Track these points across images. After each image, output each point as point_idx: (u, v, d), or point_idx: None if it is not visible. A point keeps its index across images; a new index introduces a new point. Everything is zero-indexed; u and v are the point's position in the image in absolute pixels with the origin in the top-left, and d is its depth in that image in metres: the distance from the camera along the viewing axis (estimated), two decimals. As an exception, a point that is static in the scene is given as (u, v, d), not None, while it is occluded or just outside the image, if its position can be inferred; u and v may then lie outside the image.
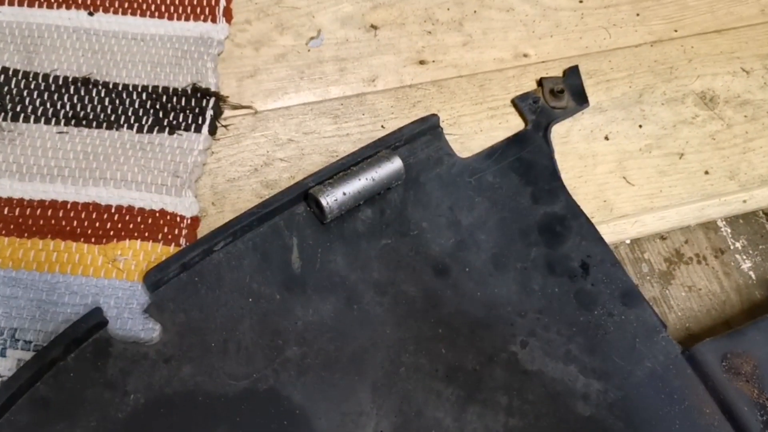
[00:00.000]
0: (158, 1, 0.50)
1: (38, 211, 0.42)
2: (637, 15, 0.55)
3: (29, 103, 0.46)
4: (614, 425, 0.37)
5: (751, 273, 0.46)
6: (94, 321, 0.37)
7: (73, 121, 0.45)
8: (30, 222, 0.42)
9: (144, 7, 0.50)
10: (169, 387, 0.37)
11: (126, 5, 0.50)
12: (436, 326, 0.39)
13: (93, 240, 0.41)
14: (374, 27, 0.52)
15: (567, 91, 0.50)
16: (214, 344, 0.38)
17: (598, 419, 0.37)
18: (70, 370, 0.37)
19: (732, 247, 0.47)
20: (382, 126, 0.47)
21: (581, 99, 0.50)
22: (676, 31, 0.54)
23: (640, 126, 0.49)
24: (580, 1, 0.55)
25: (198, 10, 0.50)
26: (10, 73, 0.47)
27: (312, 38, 0.51)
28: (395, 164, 0.43)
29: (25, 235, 0.41)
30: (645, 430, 0.37)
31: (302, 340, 0.38)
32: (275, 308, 0.39)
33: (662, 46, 0.53)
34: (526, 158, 0.46)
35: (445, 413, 0.37)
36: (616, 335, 0.40)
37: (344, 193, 0.41)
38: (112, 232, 0.41)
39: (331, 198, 0.41)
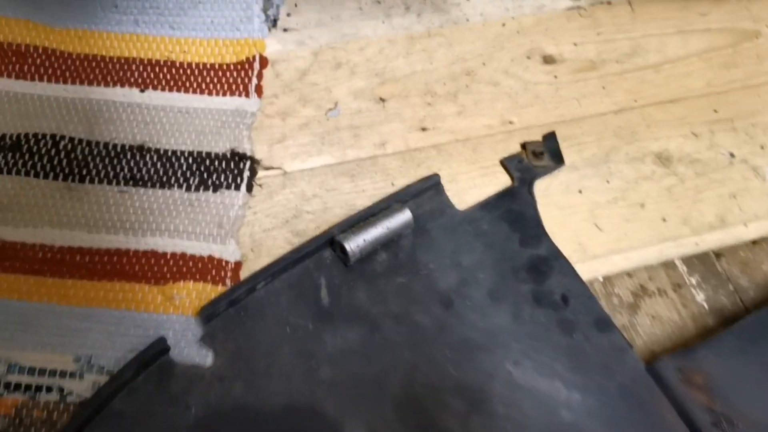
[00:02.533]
0: (200, 80, 0.56)
1: (105, 258, 0.47)
2: (603, 88, 0.61)
3: (93, 167, 0.51)
4: (592, 428, 0.42)
5: (704, 304, 0.52)
6: (158, 348, 0.42)
7: (131, 182, 0.50)
8: (99, 267, 0.46)
9: (188, 84, 0.55)
10: (222, 403, 0.41)
11: (172, 83, 0.55)
12: (444, 350, 0.44)
13: (153, 281, 0.46)
14: (382, 99, 0.57)
15: (546, 152, 0.56)
16: (258, 367, 0.43)
17: (579, 424, 0.42)
18: (139, 389, 0.41)
19: (688, 282, 0.53)
20: (392, 183, 0.53)
21: (558, 159, 0.55)
22: (636, 101, 0.60)
23: (608, 181, 0.55)
24: (555, 77, 0.61)
25: (234, 87, 0.56)
26: (75, 141, 0.52)
27: (330, 109, 0.56)
28: (406, 215, 0.48)
29: (96, 278, 0.46)
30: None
31: (333, 362, 0.43)
32: (309, 336, 0.44)
33: (624, 114, 0.59)
34: (514, 209, 0.52)
35: (453, 422, 0.42)
36: (592, 355, 0.45)
37: (364, 240, 0.46)
38: (168, 275, 0.46)
39: (354, 244, 0.46)
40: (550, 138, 0.56)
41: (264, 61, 0.57)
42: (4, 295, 0.44)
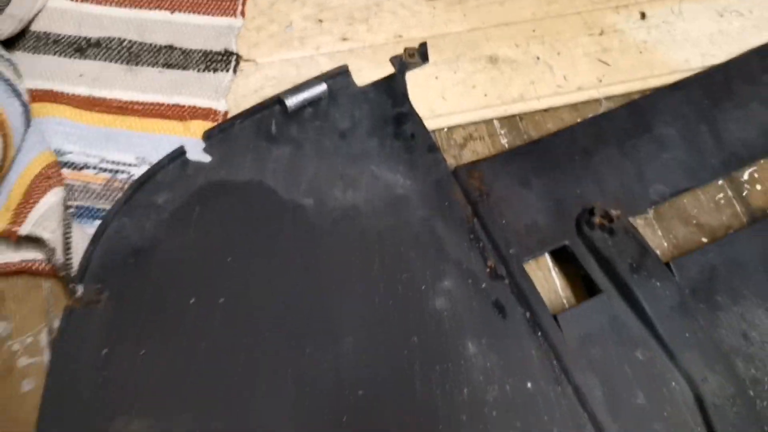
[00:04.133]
0: (208, 8, 0.88)
1: (152, 107, 0.80)
2: (464, 15, 0.92)
3: (143, 58, 0.84)
4: (415, 200, 0.75)
5: (506, 144, 0.84)
6: (180, 151, 0.75)
7: (166, 66, 0.83)
8: (149, 111, 0.80)
9: (199, 10, 0.88)
10: (215, 178, 0.75)
11: (191, 9, 0.88)
12: (337, 165, 0.78)
13: (178, 119, 0.79)
14: (320, 21, 0.90)
15: (417, 54, 0.88)
16: (235, 162, 0.76)
17: (408, 196, 0.75)
18: (169, 172, 0.75)
19: (498, 133, 0.85)
20: (321, 71, 0.85)
21: (425, 59, 0.87)
22: (483, 23, 0.91)
23: (455, 72, 0.87)
24: (434, 8, 0.93)
25: (228, 11, 0.87)
26: (134, 42, 0.85)
27: (287, 26, 0.89)
28: (323, 86, 0.81)
29: (147, 117, 0.79)
30: (433, 216, 0.75)
31: (275, 161, 0.77)
32: (262, 150, 0.77)
33: (473, 32, 0.90)
34: (392, 87, 0.83)
35: (337, 197, 0.75)
36: (422, 164, 0.77)
37: (297, 99, 0.80)
38: (187, 116, 0.79)
39: (290, 101, 0.79)
40: (423, 46, 0.87)
41: None
42: (100, 124, 0.78)
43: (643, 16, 0.91)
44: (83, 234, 0.67)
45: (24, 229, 0.62)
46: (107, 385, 0.58)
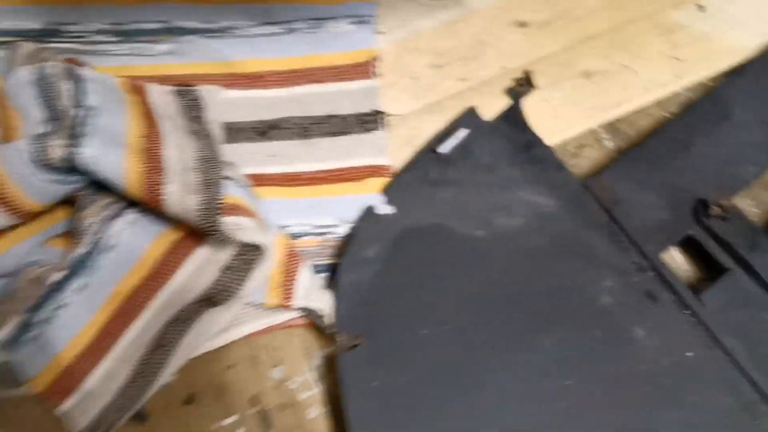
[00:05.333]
0: (352, 73, 1.03)
1: (333, 174, 0.97)
2: (553, 36, 1.08)
3: (290, 126, 1.00)
4: (558, 212, 0.93)
5: (611, 146, 1.01)
6: (369, 210, 0.93)
7: (339, 134, 1.00)
8: (331, 178, 0.97)
9: (345, 76, 1.03)
10: (400, 231, 0.93)
11: (338, 77, 1.03)
12: (494, 188, 0.95)
13: (357, 180, 0.96)
14: (438, 66, 1.05)
15: (526, 83, 1.04)
16: (415, 213, 0.94)
17: (554, 212, 0.93)
18: (361, 227, 0.93)
19: (603, 138, 1.02)
20: (451, 115, 1.02)
21: (533, 86, 1.03)
22: (571, 41, 1.07)
23: (558, 93, 1.03)
24: (525, 35, 1.08)
25: (366, 74, 1.03)
26: (292, 120, 1.01)
27: (414, 77, 1.05)
28: (463, 132, 0.97)
29: (332, 183, 0.96)
30: (578, 227, 0.93)
31: (452, 186, 0.94)
32: (436, 197, 0.95)
33: (566, 51, 1.06)
34: (512, 116, 1.00)
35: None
36: (555, 181, 0.95)
37: (443, 144, 0.96)
38: (364, 176, 0.96)
39: (442, 148, 0.96)
40: (528, 74, 1.03)
41: (377, 57, 1.04)
42: (301, 197, 0.94)
43: (700, 8, 1.06)
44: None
45: (297, 303, 0.81)
46: (388, 409, 0.78)
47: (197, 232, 0.76)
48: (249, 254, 0.76)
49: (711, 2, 1.07)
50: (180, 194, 0.72)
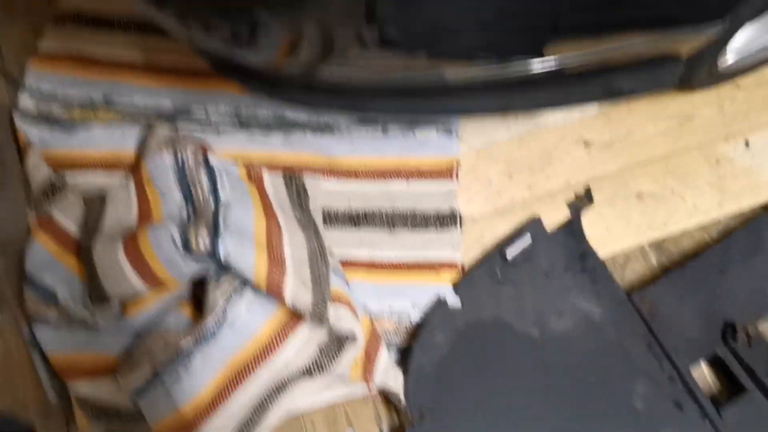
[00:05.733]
0: (438, 175, 1.19)
1: (410, 263, 1.12)
2: (613, 157, 1.22)
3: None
4: (605, 320, 1.07)
5: (654, 263, 1.15)
6: (441, 300, 1.09)
7: (409, 227, 1.15)
8: (409, 269, 1.12)
9: (433, 176, 1.18)
10: (466, 323, 1.08)
11: (426, 177, 1.18)
12: (548, 294, 1.10)
13: (433, 271, 1.12)
14: (510, 175, 1.20)
15: (585, 198, 1.18)
16: (480, 307, 1.09)
17: (603, 321, 1.08)
18: (434, 314, 1.08)
19: (649, 254, 1.16)
20: (521, 221, 1.17)
21: (591, 200, 1.18)
22: (626, 164, 1.21)
23: (612, 209, 1.18)
24: (589, 154, 1.22)
25: (450, 177, 1.18)
26: (386, 210, 1.17)
27: (488, 183, 1.20)
28: (527, 239, 1.12)
29: (408, 270, 1.12)
30: (620, 336, 1.07)
31: (509, 281, 1.09)
32: (499, 294, 1.10)
33: (621, 172, 1.20)
34: (570, 228, 1.15)
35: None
36: (604, 292, 1.09)
37: (512, 249, 1.11)
38: (439, 268, 1.12)
39: (509, 253, 1.11)
40: (588, 190, 1.17)
41: (458, 163, 1.19)
42: (383, 281, 1.10)
43: (747, 144, 1.20)
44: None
45: (376, 380, 0.96)
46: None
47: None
48: (344, 339, 0.92)
49: (757, 139, 1.20)
50: (297, 290, 0.88)
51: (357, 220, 1.11)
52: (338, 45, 0.67)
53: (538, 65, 0.75)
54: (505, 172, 1.18)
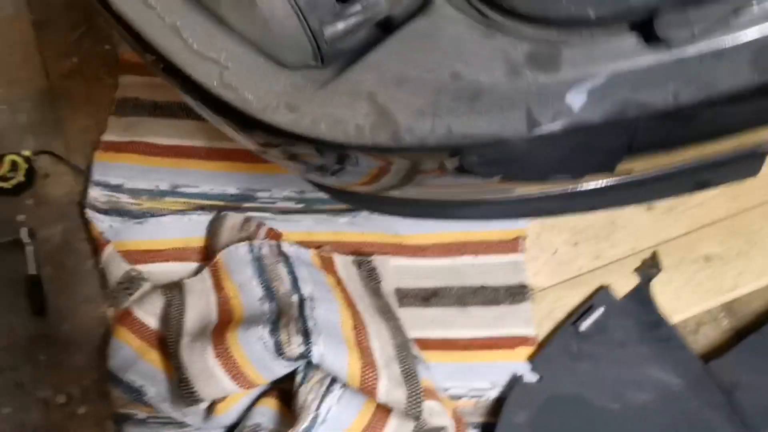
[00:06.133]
0: (507, 248, 1.20)
1: (485, 342, 1.13)
2: (676, 220, 1.23)
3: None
4: (682, 389, 1.07)
5: (726, 324, 1.16)
6: (518, 377, 1.09)
7: (481, 303, 1.16)
8: (487, 345, 1.13)
9: (502, 250, 1.19)
10: (551, 390, 1.08)
11: (496, 251, 1.20)
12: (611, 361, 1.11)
13: (508, 348, 1.12)
14: (576, 244, 1.21)
15: (653, 263, 1.19)
16: (559, 383, 1.09)
17: (683, 391, 1.08)
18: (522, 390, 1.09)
19: (719, 317, 1.17)
20: (588, 290, 1.17)
21: (659, 267, 1.18)
22: (687, 232, 1.22)
23: (678, 274, 1.18)
24: (653, 217, 1.23)
25: (516, 249, 1.19)
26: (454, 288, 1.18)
27: (553, 253, 1.21)
28: (600, 310, 1.13)
29: (484, 349, 1.13)
30: (699, 405, 1.07)
31: (585, 358, 1.10)
32: (575, 368, 1.10)
33: (683, 237, 1.21)
34: (643, 296, 1.16)
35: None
36: (680, 359, 1.10)
37: (586, 320, 1.12)
38: (514, 344, 1.12)
39: (583, 325, 1.11)
40: (655, 256, 1.18)
41: (524, 235, 1.20)
42: (459, 360, 1.11)
43: (809, 200, 1.20)
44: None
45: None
46: None
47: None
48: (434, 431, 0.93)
49: (819, 194, 1.20)
50: (390, 388, 0.89)
51: (428, 298, 1.12)
52: (421, 177, 0.68)
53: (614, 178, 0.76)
54: (570, 241, 1.18)
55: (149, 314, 1.06)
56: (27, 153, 1.20)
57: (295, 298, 0.96)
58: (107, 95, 1.27)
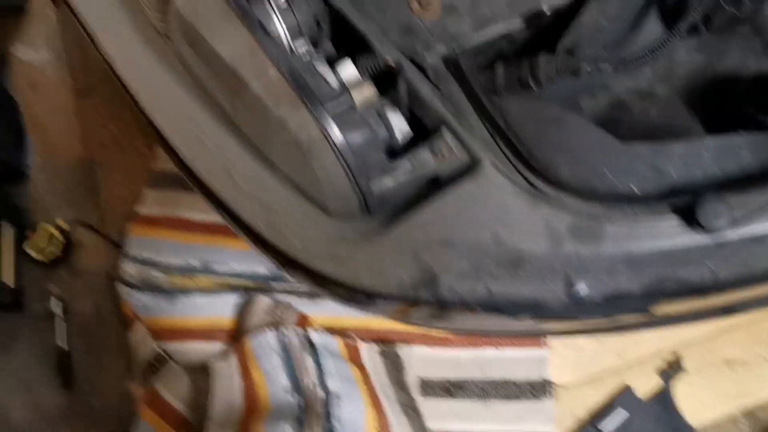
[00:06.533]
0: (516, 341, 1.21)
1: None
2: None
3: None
4: None
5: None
6: None
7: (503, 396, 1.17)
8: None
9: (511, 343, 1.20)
10: None
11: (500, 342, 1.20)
12: None
13: None
14: (600, 343, 1.22)
15: (675, 366, 1.19)
16: None
17: None
18: None
19: (741, 422, 1.17)
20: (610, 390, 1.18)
21: (681, 369, 1.19)
22: (709, 342, 1.22)
23: (700, 378, 1.18)
24: None
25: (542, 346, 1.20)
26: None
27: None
28: (623, 414, 1.13)
29: None
30: None
31: None
32: None
33: (704, 343, 1.21)
34: (666, 400, 1.16)
35: None
36: None
37: (611, 422, 1.12)
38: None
39: (609, 426, 1.12)
40: (677, 360, 1.19)
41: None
42: None
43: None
44: None
45: None
46: None
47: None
48: None
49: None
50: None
51: (450, 390, 1.13)
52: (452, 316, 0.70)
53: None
54: (594, 338, 1.19)
55: (175, 397, 1.07)
56: (62, 224, 1.22)
57: (321, 392, 0.97)
58: (144, 166, 1.29)
